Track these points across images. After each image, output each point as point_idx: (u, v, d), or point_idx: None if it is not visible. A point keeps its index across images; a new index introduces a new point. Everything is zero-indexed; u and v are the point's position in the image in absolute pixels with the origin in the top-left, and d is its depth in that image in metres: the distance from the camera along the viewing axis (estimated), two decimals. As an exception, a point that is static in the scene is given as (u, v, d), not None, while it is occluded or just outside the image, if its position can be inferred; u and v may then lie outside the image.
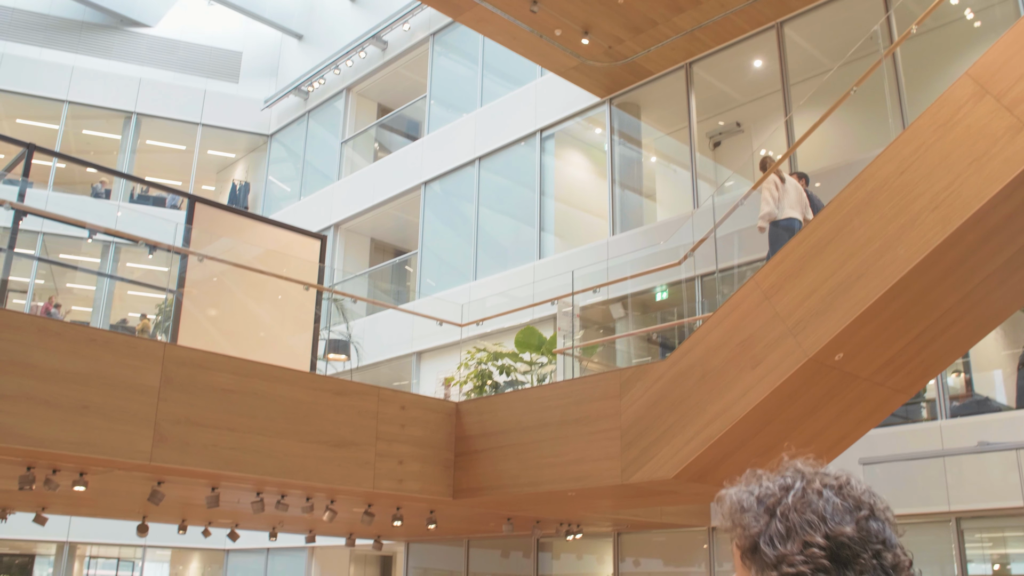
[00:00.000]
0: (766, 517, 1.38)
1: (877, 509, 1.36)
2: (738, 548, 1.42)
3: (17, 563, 24.96)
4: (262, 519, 11.53)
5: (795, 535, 1.34)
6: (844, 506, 1.35)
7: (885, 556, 1.33)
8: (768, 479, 1.41)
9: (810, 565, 1.32)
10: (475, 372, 11.90)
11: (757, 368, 6.76)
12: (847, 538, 1.32)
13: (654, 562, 13.42)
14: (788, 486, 1.39)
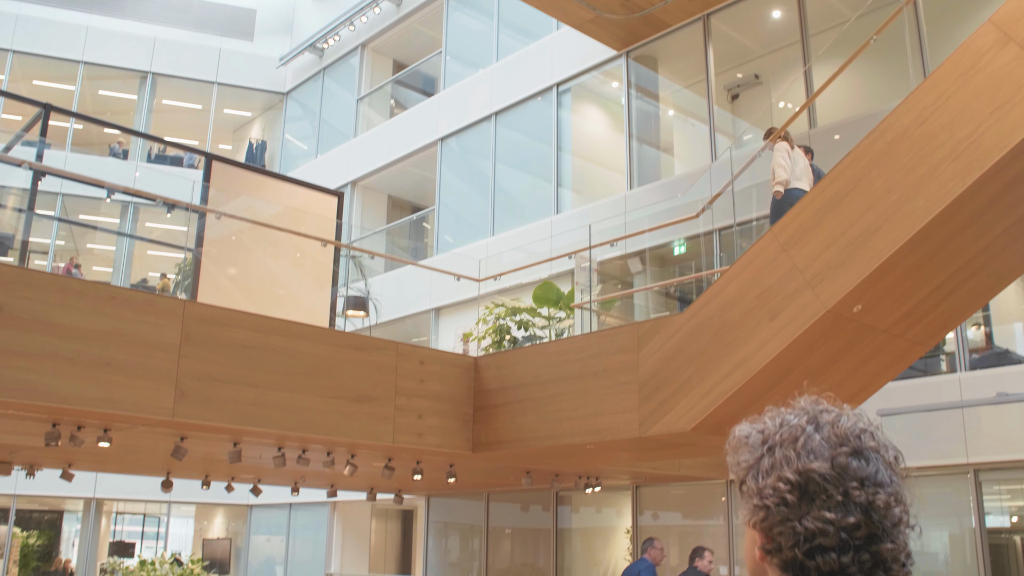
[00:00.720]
0: (759, 452, 1.40)
1: (865, 447, 1.35)
2: (736, 482, 1.44)
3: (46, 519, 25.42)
4: (284, 474, 11.68)
5: (775, 470, 1.35)
6: (824, 443, 1.35)
7: (857, 494, 1.31)
8: (772, 416, 1.43)
9: (774, 499, 1.34)
10: (493, 327, 11.93)
11: (775, 321, 6.75)
12: (817, 474, 1.32)
13: (672, 515, 13.52)
14: (784, 422, 1.40)
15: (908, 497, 1.36)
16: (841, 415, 1.39)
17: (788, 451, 1.36)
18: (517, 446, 8.70)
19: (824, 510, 1.31)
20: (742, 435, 1.44)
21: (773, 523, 1.34)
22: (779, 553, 1.35)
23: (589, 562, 14.33)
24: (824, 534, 1.30)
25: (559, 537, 14.24)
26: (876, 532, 1.31)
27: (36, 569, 23.66)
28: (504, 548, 15.39)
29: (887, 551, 1.31)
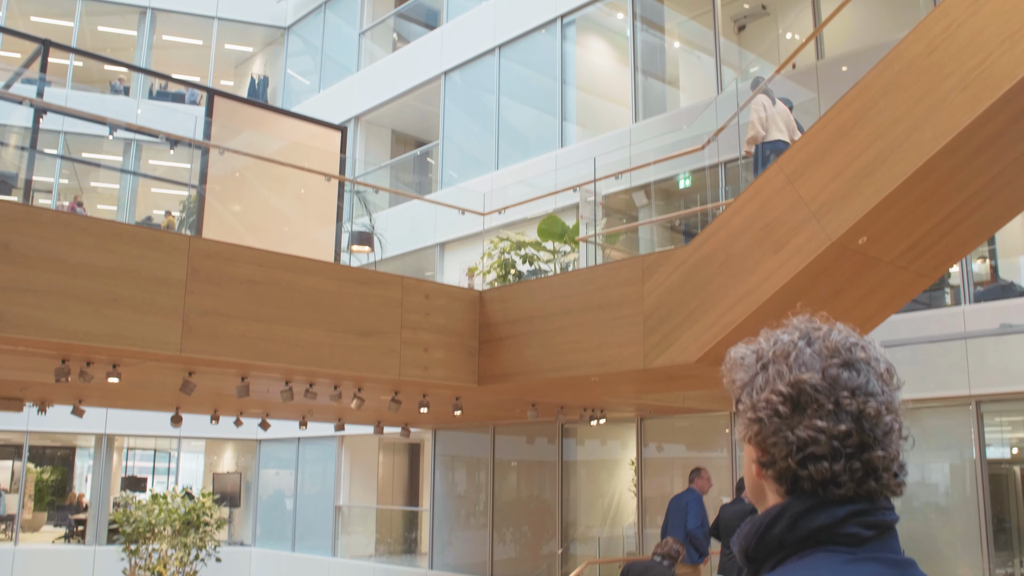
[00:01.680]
0: (754, 370, 1.42)
1: (856, 359, 1.37)
2: (733, 401, 1.47)
3: (59, 455, 25.79)
4: (292, 408, 11.80)
5: (768, 385, 1.38)
6: (815, 356, 1.38)
7: (848, 403, 1.34)
8: (766, 336, 1.45)
9: (767, 411, 1.37)
10: (498, 262, 11.95)
11: (779, 252, 6.75)
12: (809, 385, 1.35)
13: (676, 447, 13.67)
14: (777, 340, 1.43)
15: (901, 407, 1.39)
16: (832, 330, 1.42)
17: (781, 366, 1.39)
18: (522, 379, 8.76)
19: (815, 419, 1.34)
20: (737, 356, 1.47)
21: (766, 435, 1.37)
22: (773, 465, 1.38)
23: (594, 494, 14.52)
24: (816, 443, 1.33)
25: (564, 469, 14.42)
26: (867, 440, 1.34)
27: (51, 504, 24.07)
28: (510, 480, 15.60)
29: (878, 459, 1.34)
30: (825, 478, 1.33)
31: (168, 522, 18.07)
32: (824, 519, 1.33)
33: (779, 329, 1.45)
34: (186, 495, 19.02)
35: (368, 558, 17.74)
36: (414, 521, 18.72)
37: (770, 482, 1.40)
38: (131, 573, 18.04)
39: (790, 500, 1.36)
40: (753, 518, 1.40)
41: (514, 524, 15.19)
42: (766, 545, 1.36)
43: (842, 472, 1.33)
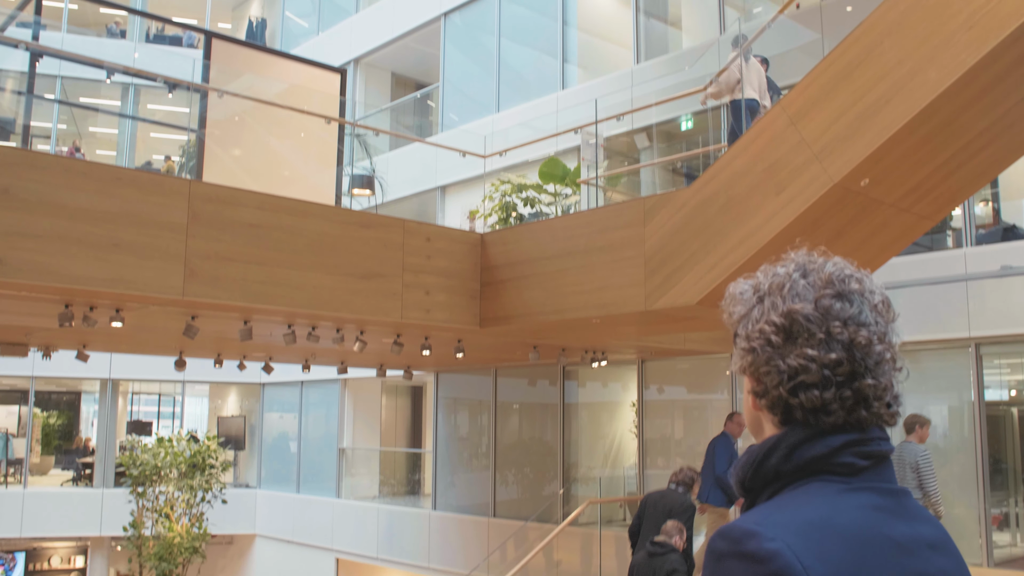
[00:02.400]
0: (750, 304, 1.44)
1: (849, 290, 1.39)
2: (732, 336, 1.49)
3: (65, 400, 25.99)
4: (295, 352, 11.86)
5: (763, 316, 1.40)
6: (809, 287, 1.39)
7: (839, 332, 1.35)
8: (764, 271, 1.46)
9: (760, 341, 1.39)
10: (499, 204, 11.93)
11: (781, 194, 6.73)
12: (801, 315, 1.37)
13: (677, 389, 13.76)
14: (774, 274, 1.44)
15: (895, 338, 1.40)
16: (827, 263, 1.43)
17: (775, 298, 1.41)
18: (524, 321, 8.80)
19: (806, 348, 1.35)
20: (737, 291, 1.48)
21: (759, 364, 1.40)
22: (766, 395, 1.40)
23: (595, 436, 14.65)
24: (806, 371, 1.35)
25: (566, 411, 14.54)
26: (858, 369, 1.35)
27: (58, 448, 24.32)
28: (512, 423, 15.74)
29: (868, 387, 1.36)
30: (816, 406, 1.35)
31: (174, 465, 18.30)
32: (819, 449, 1.35)
33: (778, 264, 1.46)
34: (191, 438, 19.23)
35: (372, 499, 17.97)
36: (417, 463, 18.92)
37: (766, 413, 1.42)
38: (139, 515, 18.31)
39: (786, 431, 1.38)
40: (750, 449, 1.42)
41: (516, 466, 15.36)
42: (762, 475, 1.38)
43: (832, 400, 1.35)
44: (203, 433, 20.34)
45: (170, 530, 18.00)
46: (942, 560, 1.35)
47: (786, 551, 1.21)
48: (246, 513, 20.18)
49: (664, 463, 13.38)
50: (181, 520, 18.29)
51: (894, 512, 1.35)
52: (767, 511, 1.31)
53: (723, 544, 1.26)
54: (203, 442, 19.06)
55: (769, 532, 1.23)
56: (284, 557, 19.32)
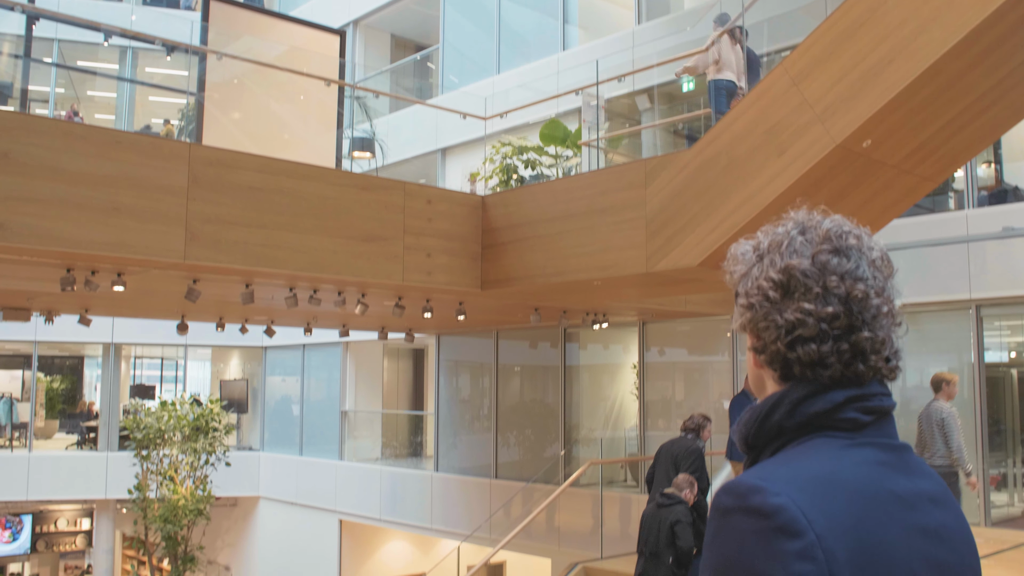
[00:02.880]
0: (751, 262, 1.45)
1: (847, 246, 1.40)
2: (734, 296, 1.50)
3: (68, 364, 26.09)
4: (296, 315, 11.89)
5: (762, 274, 1.42)
6: (806, 243, 1.40)
7: (836, 286, 1.36)
8: (765, 231, 1.47)
9: (759, 297, 1.41)
10: (500, 167, 11.89)
11: (783, 156, 6.71)
12: (798, 271, 1.38)
13: (678, 351, 13.80)
14: (774, 233, 1.45)
15: (893, 293, 1.41)
16: (826, 220, 1.44)
17: (774, 255, 1.42)
18: (525, 283, 8.80)
19: (803, 302, 1.37)
20: (737, 251, 1.49)
21: (757, 320, 1.41)
22: (765, 350, 1.41)
23: (596, 398, 14.72)
24: (803, 325, 1.36)
25: (567, 374, 14.60)
26: (855, 323, 1.36)
27: (62, 412, 24.46)
28: (513, 385, 15.81)
29: (865, 340, 1.37)
30: (813, 360, 1.36)
31: (177, 428, 18.41)
32: (822, 404, 1.36)
33: (778, 224, 1.47)
34: (194, 402, 19.32)
35: (375, 461, 18.10)
36: (419, 425, 19.03)
37: (767, 370, 1.43)
38: (143, 478, 18.45)
39: (789, 387, 1.39)
40: (753, 406, 1.43)
41: (518, 428, 15.45)
42: (766, 432, 1.40)
43: (830, 354, 1.36)
44: (206, 397, 20.43)
45: (174, 492, 18.15)
46: (942, 514, 1.37)
47: (791, 505, 1.23)
48: (249, 476, 20.34)
49: (665, 425, 13.45)
50: (185, 483, 18.43)
51: (896, 467, 1.36)
52: (771, 467, 1.33)
53: (728, 499, 1.27)
54: (206, 405, 19.15)
55: (774, 487, 1.25)
56: (288, 519, 19.50)
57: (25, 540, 22.09)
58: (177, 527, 18.05)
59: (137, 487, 18.33)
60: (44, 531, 22.88)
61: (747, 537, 1.23)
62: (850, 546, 1.24)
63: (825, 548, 1.21)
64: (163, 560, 19.58)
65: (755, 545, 1.22)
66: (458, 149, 16.14)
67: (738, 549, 1.23)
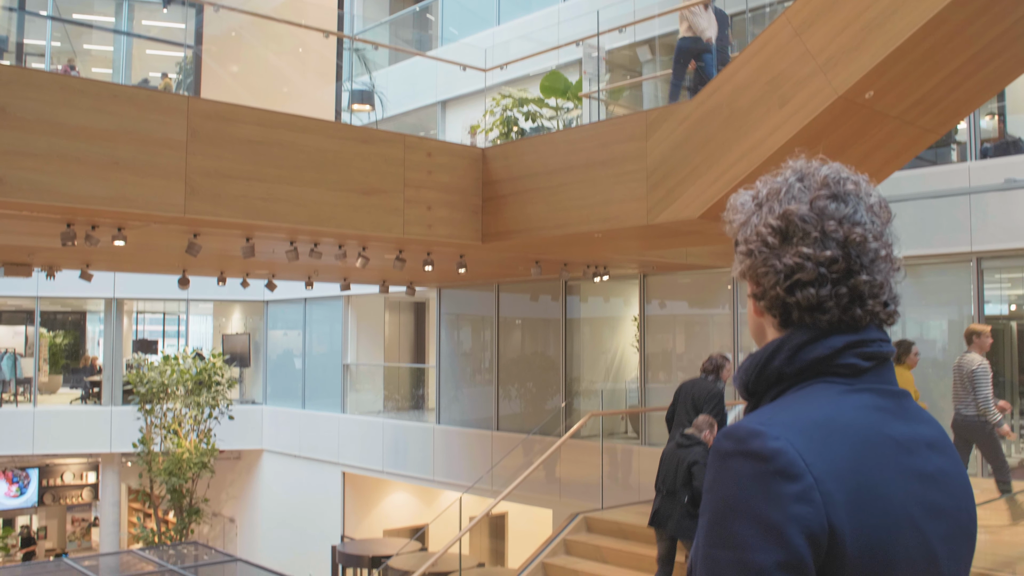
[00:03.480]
0: (750, 211, 1.46)
1: (845, 191, 1.40)
2: (734, 245, 1.51)
3: (70, 319, 26.17)
4: (297, 268, 11.90)
5: (761, 220, 1.42)
6: (804, 189, 1.41)
7: (834, 230, 1.37)
8: (764, 180, 1.48)
9: (757, 243, 1.41)
10: (501, 119, 11.83)
11: (785, 107, 6.67)
12: (796, 216, 1.38)
13: (679, 304, 13.83)
14: (772, 181, 1.46)
15: (891, 238, 1.42)
16: (823, 166, 1.44)
17: (772, 203, 1.43)
18: (526, 236, 8.80)
19: (801, 246, 1.38)
20: (737, 201, 1.50)
21: (756, 266, 1.42)
22: (765, 296, 1.42)
23: (597, 350, 14.78)
24: (802, 269, 1.37)
25: (568, 326, 14.64)
26: (853, 267, 1.37)
27: (65, 367, 24.59)
28: (514, 338, 15.86)
29: (863, 283, 1.38)
30: (812, 304, 1.37)
31: (180, 382, 18.51)
32: (821, 350, 1.37)
33: (777, 173, 1.47)
34: (196, 356, 19.41)
35: (377, 414, 18.22)
36: (421, 378, 19.13)
37: (767, 317, 1.44)
38: (148, 431, 18.59)
39: (788, 333, 1.40)
40: (753, 353, 1.44)
41: (519, 380, 15.53)
42: (766, 378, 1.41)
43: (828, 298, 1.37)
44: (208, 351, 20.51)
45: (178, 446, 18.30)
46: (940, 459, 1.39)
47: (789, 449, 1.24)
48: (253, 429, 20.49)
49: (666, 377, 13.53)
50: (189, 436, 18.58)
51: (894, 413, 1.38)
52: (771, 412, 1.34)
53: (728, 443, 1.29)
54: (208, 360, 19.24)
55: (773, 431, 1.26)
56: (291, 472, 19.68)
57: (32, 494, 22.33)
58: (181, 480, 18.24)
59: (141, 441, 18.48)
60: (51, 484, 23.12)
61: (746, 480, 1.24)
62: (847, 489, 1.25)
63: (823, 491, 1.23)
64: (168, 512, 19.80)
65: (754, 488, 1.23)
66: (458, 102, 16.04)
67: (737, 492, 1.25)
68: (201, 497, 19.14)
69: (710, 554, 1.26)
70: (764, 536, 1.21)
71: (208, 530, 21.56)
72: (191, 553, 15.90)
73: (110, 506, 20.89)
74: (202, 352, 20.11)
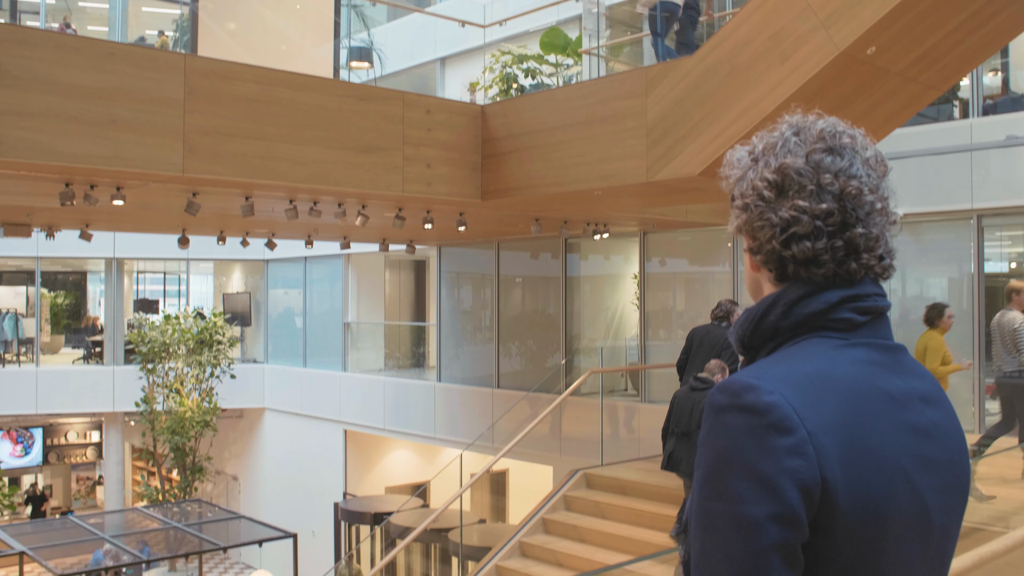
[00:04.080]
0: (746, 166, 1.46)
1: (841, 145, 1.40)
2: (729, 199, 1.50)
3: (71, 280, 26.21)
4: (297, 227, 11.89)
5: (757, 175, 1.42)
6: (800, 143, 1.41)
7: (830, 183, 1.37)
8: (760, 136, 1.47)
9: (753, 197, 1.41)
10: (500, 76, 11.76)
11: (786, 63, 6.62)
12: (792, 169, 1.38)
13: (679, 261, 13.83)
14: (769, 137, 1.46)
15: (887, 192, 1.42)
16: (820, 120, 1.44)
17: (769, 157, 1.43)
18: (526, 193, 8.77)
19: (797, 200, 1.38)
20: (733, 157, 1.50)
21: (752, 220, 1.42)
22: (761, 250, 1.43)
23: (597, 308, 14.81)
24: (798, 222, 1.37)
25: (568, 284, 14.66)
26: (848, 220, 1.37)
27: (67, 327, 24.66)
28: (515, 296, 15.88)
29: (859, 236, 1.38)
30: (808, 257, 1.38)
31: (182, 341, 18.58)
32: (817, 305, 1.38)
33: (773, 129, 1.47)
34: (198, 315, 19.45)
35: (378, 372, 18.30)
36: (422, 336, 19.19)
37: (763, 272, 1.45)
38: (150, 390, 18.69)
39: (784, 288, 1.41)
40: (749, 308, 1.45)
41: (519, 338, 15.58)
42: (761, 333, 1.42)
43: (824, 251, 1.37)
44: (209, 310, 20.56)
45: (181, 405, 18.40)
46: (934, 413, 1.40)
47: (783, 403, 1.25)
48: (255, 387, 20.59)
49: (666, 335, 13.56)
50: (191, 395, 18.68)
51: (889, 367, 1.39)
52: (766, 366, 1.35)
53: (723, 397, 1.30)
54: (209, 319, 19.30)
55: (767, 385, 1.27)
56: (293, 430, 19.81)
57: (37, 453, 22.51)
58: (184, 439, 18.36)
59: (144, 400, 18.58)
60: (55, 443, 23.31)
61: (740, 434, 1.26)
62: (841, 443, 1.27)
63: (816, 444, 1.24)
64: (172, 471, 19.97)
65: (748, 442, 1.25)
66: (458, 59, 15.92)
67: (731, 445, 1.26)
68: (204, 455, 19.29)
69: (704, 507, 1.28)
70: (758, 489, 1.22)
71: (212, 488, 21.76)
72: (195, 510, 16.06)
73: (114, 465, 21.07)
74: (203, 311, 20.16)
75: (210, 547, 13.06)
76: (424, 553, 15.29)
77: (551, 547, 9.31)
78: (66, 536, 13.63)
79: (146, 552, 13.05)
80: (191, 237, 11.79)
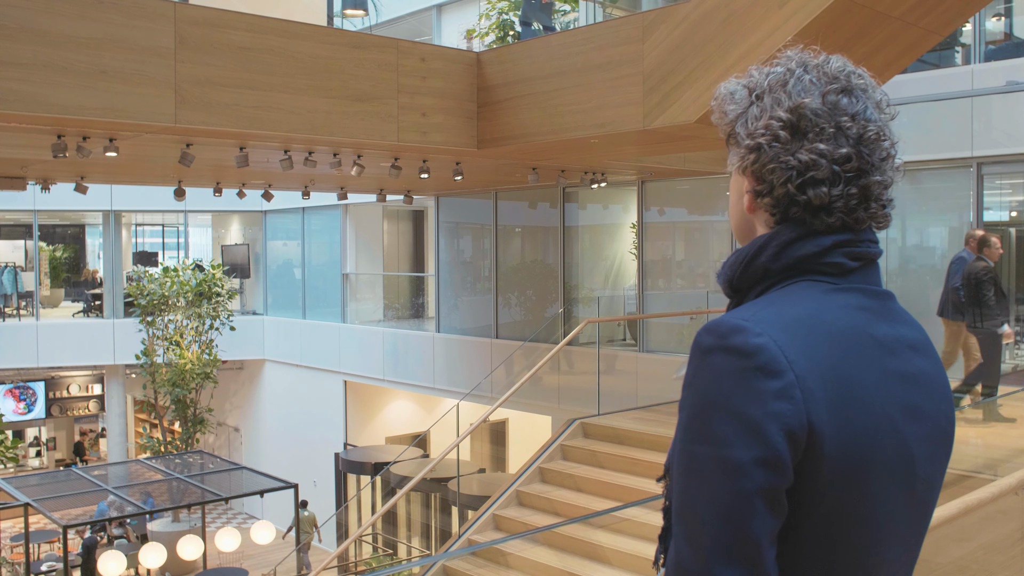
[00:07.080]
0: (747, 102, 1.40)
1: (854, 86, 1.36)
2: (724, 136, 1.45)
3: (69, 233, 26.14)
4: (293, 178, 11.82)
5: (765, 113, 1.37)
6: (813, 82, 1.36)
7: (848, 127, 1.33)
8: (758, 69, 1.42)
9: (767, 137, 1.36)
10: (497, 23, 11.62)
11: (784, 7, 6.53)
12: (808, 110, 1.33)
13: (678, 211, 13.78)
14: (771, 72, 1.40)
15: (895, 137, 1.38)
16: (830, 58, 1.39)
17: (778, 94, 1.37)
18: (522, 141, 8.70)
19: (817, 143, 1.33)
20: (728, 90, 1.44)
21: (765, 162, 1.37)
22: (770, 193, 1.38)
23: (595, 257, 14.79)
24: (816, 166, 1.33)
25: (566, 234, 14.62)
26: (865, 166, 1.34)
27: (66, 280, 24.65)
28: (513, 246, 15.86)
29: (875, 184, 1.35)
30: (823, 203, 1.34)
31: (181, 294, 18.58)
32: (810, 248, 1.35)
33: (772, 63, 1.42)
34: (196, 267, 19.44)
35: (377, 323, 18.34)
36: (420, 287, 19.20)
37: (761, 213, 1.41)
38: (150, 343, 18.74)
39: (778, 229, 1.38)
40: (738, 249, 1.42)
41: (518, 288, 15.58)
42: (751, 274, 1.39)
43: (839, 197, 1.33)
44: (208, 262, 20.54)
45: (181, 357, 18.46)
46: (922, 361, 1.38)
47: (771, 345, 1.23)
48: (254, 339, 20.64)
49: (664, 284, 13.56)
50: (191, 347, 18.73)
51: (878, 313, 1.36)
52: (754, 308, 1.32)
53: (709, 339, 1.27)
54: (208, 271, 19.29)
55: (756, 327, 1.25)
56: (293, 381, 19.90)
57: (40, 406, 22.63)
58: (185, 391, 18.45)
59: (144, 353, 18.64)
60: (57, 397, 23.43)
61: (726, 376, 1.23)
62: (828, 388, 1.25)
63: (804, 388, 1.22)
64: (174, 423, 20.09)
65: (734, 384, 1.22)
66: (453, 6, 15.73)
67: (716, 388, 1.24)
68: (205, 407, 19.40)
69: (687, 449, 1.26)
70: (743, 432, 1.20)
71: (213, 439, 21.93)
72: (197, 462, 16.18)
73: (116, 417, 21.20)
74: (202, 263, 20.14)
75: (212, 498, 13.18)
76: (424, 503, 15.44)
77: (548, 496, 9.39)
78: (70, 488, 13.74)
79: (149, 503, 13.18)
80: (187, 189, 11.73)
